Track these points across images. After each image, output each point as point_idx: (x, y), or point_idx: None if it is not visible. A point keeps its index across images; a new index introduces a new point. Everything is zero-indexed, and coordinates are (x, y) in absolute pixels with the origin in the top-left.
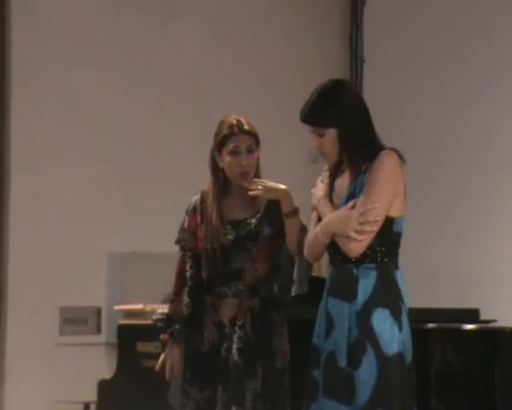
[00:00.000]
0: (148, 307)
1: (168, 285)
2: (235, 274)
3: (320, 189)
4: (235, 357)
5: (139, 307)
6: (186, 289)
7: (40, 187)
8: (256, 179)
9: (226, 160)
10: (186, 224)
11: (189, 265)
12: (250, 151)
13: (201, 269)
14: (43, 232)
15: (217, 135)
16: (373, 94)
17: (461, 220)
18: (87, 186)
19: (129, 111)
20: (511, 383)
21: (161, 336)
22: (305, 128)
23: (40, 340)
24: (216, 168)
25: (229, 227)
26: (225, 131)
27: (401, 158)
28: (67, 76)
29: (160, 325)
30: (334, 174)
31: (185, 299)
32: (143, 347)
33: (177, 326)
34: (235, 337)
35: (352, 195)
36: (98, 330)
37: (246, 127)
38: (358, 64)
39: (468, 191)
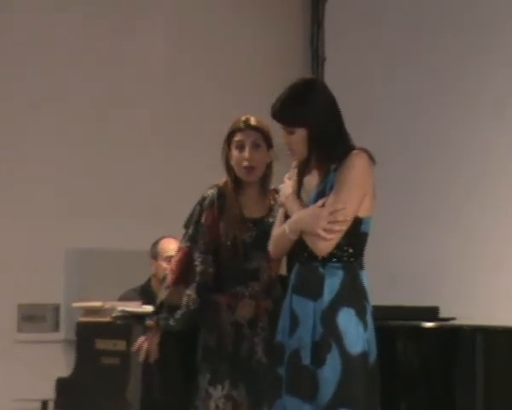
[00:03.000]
0: (107, 305)
1: (127, 282)
2: (252, 274)
3: (288, 186)
4: (264, 360)
5: (98, 304)
6: (194, 285)
7: None
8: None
9: (233, 155)
10: (203, 218)
11: (199, 260)
12: (256, 146)
13: (211, 266)
14: (0, 229)
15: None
16: (334, 92)
17: (421, 220)
18: (45, 182)
19: (92, 107)
20: (470, 381)
21: (147, 322)
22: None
23: None
24: (228, 166)
25: (250, 224)
26: (233, 126)
27: (371, 158)
28: (33, 73)
29: (119, 322)
30: (303, 172)
31: (192, 294)
32: (102, 344)
33: (165, 315)
34: (257, 339)
35: (321, 193)
36: (56, 328)
37: (252, 123)
38: (319, 62)
39: (428, 191)
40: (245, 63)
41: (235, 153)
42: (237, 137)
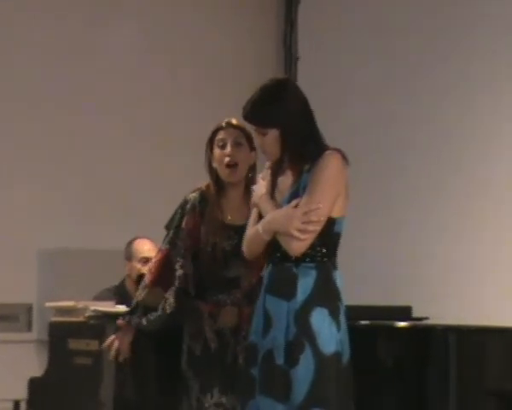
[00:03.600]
0: (80, 304)
1: (101, 282)
2: (233, 281)
3: (262, 186)
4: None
5: (71, 304)
6: (173, 289)
7: None
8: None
9: (215, 154)
10: (184, 223)
11: (179, 264)
12: (238, 144)
13: (190, 271)
14: None
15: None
16: (307, 91)
17: (393, 219)
18: (17, 182)
19: (62, 108)
20: (442, 380)
21: (118, 321)
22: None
23: None
24: (210, 168)
25: (232, 232)
26: (215, 127)
27: (345, 159)
28: (3, 67)
29: (92, 322)
30: (277, 172)
31: (169, 298)
32: (75, 344)
33: (139, 315)
34: (239, 348)
35: (295, 193)
36: (29, 328)
37: (233, 122)
38: (293, 62)
39: (400, 192)
40: (218, 63)
41: (217, 151)
42: (219, 136)
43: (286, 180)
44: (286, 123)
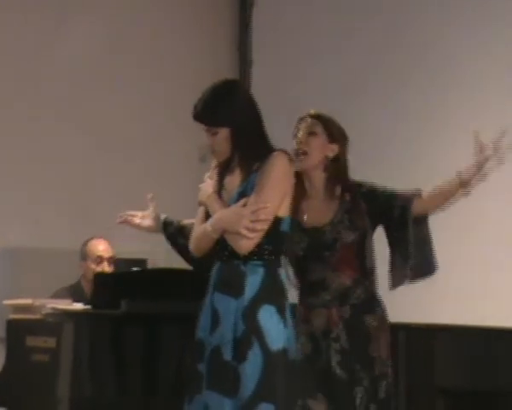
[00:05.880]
0: (38, 302)
1: (57, 280)
2: (319, 284)
3: (209, 185)
4: (338, 371)
5: (28, 301)
6: None
7: None
8: None
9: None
10: None
11: None
12: (311, 133)
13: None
14: None
15: None
16: (261, 94)
17: None
18: None
19: (22, 105)
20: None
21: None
22: (195, 127)
23: None
24: None
25: (302, 235)
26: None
27: (291, 160)
28: None
29: (49, 319)
30: (224, 172)
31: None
32: (32, 341)
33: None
34: (331, 351)
35: (243, 193)
36: None
37: (311, 112)
38: (247, 65)
39: None
40: (175, 67)
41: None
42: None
43: (233, 180)
44: (236, 122)
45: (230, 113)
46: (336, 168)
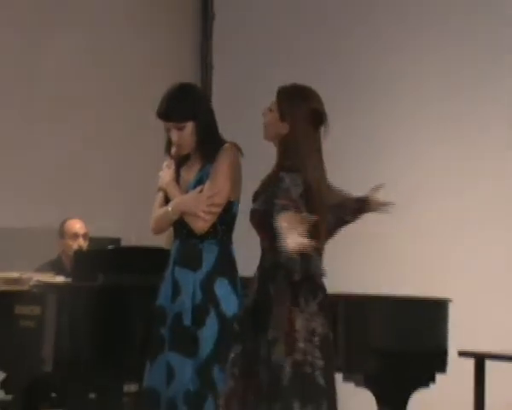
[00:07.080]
0: (25, 275)
1: (36, 258)
2: None
3: (167, 174)
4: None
5: (17, 274)
6: None
7: None
8: None
9: None
10: None
11: None
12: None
13: None
14: None
15: None
16: (221, 98)
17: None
18: None
19: (4, 108)
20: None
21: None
22: (159, 127)
23: None
24: None
25: None
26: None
27: (239, 151)
28: None
29: (35, 290)
30: (181, 162)
31: None
32: (20, 309)
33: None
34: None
35: (200, 180)
36: None
37: None
38: (208, 70)
39: None
40: (142, 72)
41: None
42: None
43: (189, 169)
44: (200, 115)
45: (194, 106)
46: (286, 147)
